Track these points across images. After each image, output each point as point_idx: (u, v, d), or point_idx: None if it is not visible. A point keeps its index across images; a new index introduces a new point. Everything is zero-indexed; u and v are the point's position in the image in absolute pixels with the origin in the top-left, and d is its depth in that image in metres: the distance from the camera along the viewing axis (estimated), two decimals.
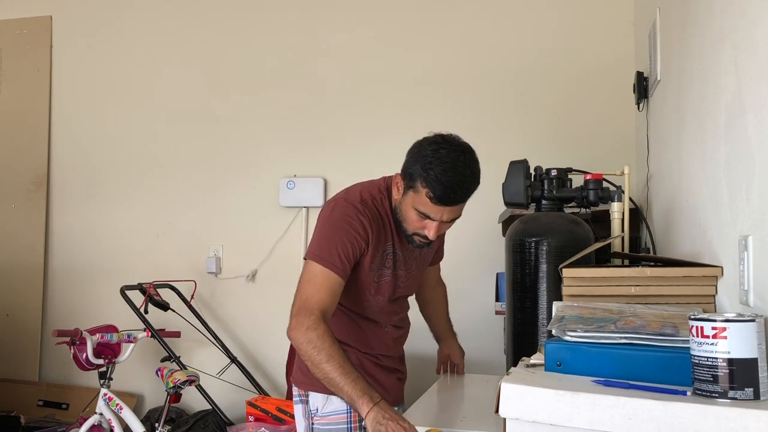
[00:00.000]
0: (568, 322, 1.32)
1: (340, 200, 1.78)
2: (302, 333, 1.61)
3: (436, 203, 1.65)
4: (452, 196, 1.64)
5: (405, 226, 1.75)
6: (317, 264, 1.69)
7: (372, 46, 3.47)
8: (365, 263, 1.76)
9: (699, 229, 1.72)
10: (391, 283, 1.84)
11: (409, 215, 1.72)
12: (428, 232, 1.71)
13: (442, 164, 1.63)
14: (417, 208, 1.68)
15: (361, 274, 1.77)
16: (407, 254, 1.85)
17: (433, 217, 1.69)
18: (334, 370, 1.57)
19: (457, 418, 1.59)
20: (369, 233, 1.73)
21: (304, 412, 1.86)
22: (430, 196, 1.64)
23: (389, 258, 1.81)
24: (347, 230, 1.71)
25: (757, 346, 1.03)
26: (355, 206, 1.74)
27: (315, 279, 1.68)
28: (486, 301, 3.17)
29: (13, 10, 4.01)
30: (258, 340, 3.52)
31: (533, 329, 2.14)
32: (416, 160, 1.66)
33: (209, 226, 3.63)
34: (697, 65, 1.75)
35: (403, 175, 1.72)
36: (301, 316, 1.63)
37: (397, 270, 1.84)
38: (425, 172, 1.63)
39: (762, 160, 1.21)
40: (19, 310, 3.82)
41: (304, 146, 3.53)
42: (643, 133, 2.67)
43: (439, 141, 1.70)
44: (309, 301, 1.65)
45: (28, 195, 3.89)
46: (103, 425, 2.93)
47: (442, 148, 1.66)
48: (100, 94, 3.85)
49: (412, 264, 1.88)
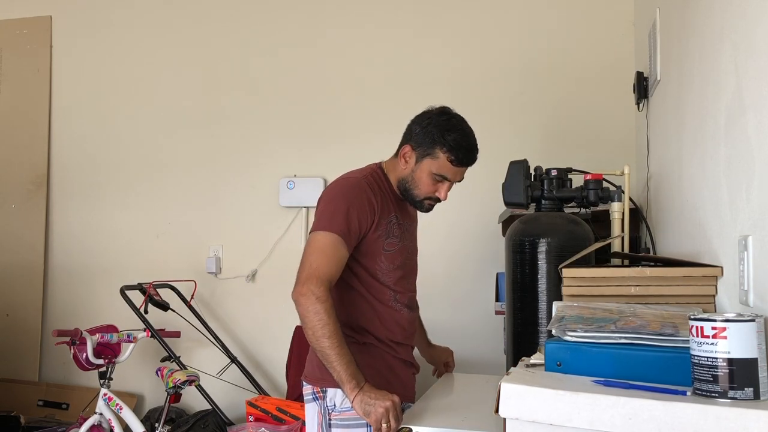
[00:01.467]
0: (568, 322, 1.32)
1: (342, 178, 1.88)
2: (312, 302, 1.66)
3: (456, 165, 1.84)
4: (471, 156, 1.86)
5: (416, 192, 1.88)
6: (327, 233, 1.74)
7: (372, 46, 3.47)
8: (374, 234, 1.82)
9: (699, 229, 1.72)
10: (400, 252, 1.90)
11: (423, 181, 1.86)
12: (441, 193, 1.88)
13: (457, 131, 1.83)
14: (436, 172, 1.84)
15: (374, 246, 1.83)
16: (405, 228, 1.95)
17: (450, 178, 1.86)
18: (332, 347, 1.65)
19: (457, 418, 1.59)
20: (375, 203, 1.82)
21: (320, 408, 1.83)
22: (452, 159, 1.82)
23: (394, 227, 1.88)
24: (354, 202, 1.78)
25: (757, 346, 1.03)
26: (358, 180, 1.84)
27: (325, 248, 1.73)
28: (486, 301, 3.17)
29: (13, 10, 4.01)
30: (258, 340, 3.52)
31: (533, 329, 2.14)
32: (430, 130, 1.83)
33: (209, 226, 3.63)
34: (697, 65, 1.75)
35: (414, 145, 1.85)
36: (311, 284, 1.68)
37: (403, 241, 1.91)
38: (443, 138, 1.81)
39: (762, 160, 1.21)
40: (19, 310, 3.82)
41: (304, 146, 3.53)
42: (643, 133, 2.68)
43: (445, 112, 1.88)
44: (319, 270, 1.69)
45: (28, 195, 3.89)
46: (103, 425, 2.93)
47: (452, 118, 1.86)
48: (100, 94, 3.85)
49: (409, 238, 1.97)
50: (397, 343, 1.91)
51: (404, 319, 1.93)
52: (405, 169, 1.88)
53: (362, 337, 1.86)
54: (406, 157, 1.87)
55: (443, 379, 2.15)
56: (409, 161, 1.87)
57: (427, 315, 3.16)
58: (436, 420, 1.57)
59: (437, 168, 1.84)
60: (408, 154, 1.87)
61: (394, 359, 1.91)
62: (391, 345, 1.90)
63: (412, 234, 2.02)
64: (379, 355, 1.86)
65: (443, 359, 2.22)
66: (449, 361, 2.22)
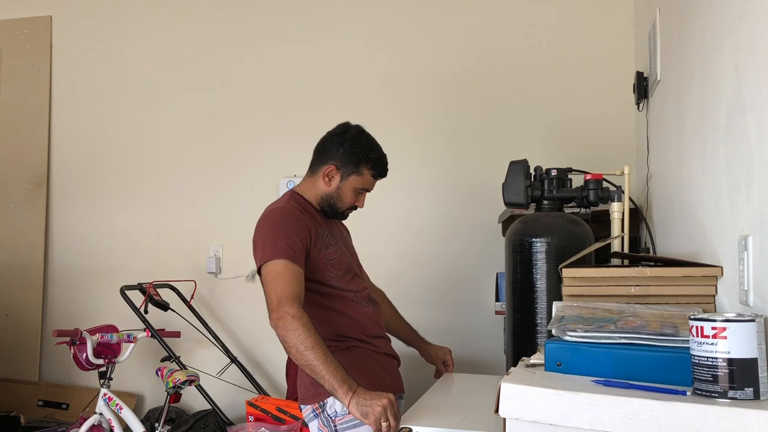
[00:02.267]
0: (568, 322, 1.32)
1: (269, 211, 1.98)
2: (288, 321, 1.74)
3: (377, 178, 2.05)
4: (387, 169, 2.06)
5: (339, 205, 2.03)
6: (277, 261, 1.82)
7: (372, 47, 3.47)
8: (315, 249, 1.92)
9: (699, 229, 1.72)
10: (342, 258, 2.01)
11: (348, 195, 2.01)
12: (360, 202, 2.06)
13: (375, 148, 2.03)
14: (360, 186, 2.01)
15: (318, 260, 1.93)
16: (336, 236, 2.06)
17: (370, 189, 2.06)
18: (317, 358, 1.70)
19: (457, 418, 1.59)
20: (306, 221, 1.93)
21: (322, 422, 1.88)
22: (374, 174, 2.02)
23: (328, 238, 2.00)
24: (289, 226, 1.89)
25: (757, 346, 1.03)
26: (285, 207, 1.96)
27: (281, 273, 1.81)
28: (486, 301, 3.18)
29: (13, 10, 4.01)
30: (258, 340, 3.52)
31: (533, 329, 2.14)
32: (355, 150, 1.99)
33: (209, 226, 3.63)
34: (697, 65, 1.75)
35: (339, 165, 1.99)
36: (284, 306, 1.76)
37: (339, 246, 2.03)
38: (368, 156, 1.99)
39: (762, 160, 1.21)
40: (19, 310, 3.82)
41: (304, 146, 3.50)
42: (643, 133, 2.68)
43: (361, 130, 2.05)
44: (284, 292, 1.78)
45: (28, 195, 3.89)
46: (103, 425, 2.93)
47: (368, 135, 2.05)
48: (100, 94, 3.85)
49: (342, 243, 2.08)
50: (374, 337, 1.99)
51: (371, 313, 2.02)
52: (328, 187, 2.01)
53: (343, 343, 1.92)
54: (329, 176, 2.01)
55: (443, 378, 2.15)
56: (333, 180, 2.01)
57: (427, 315, 3.19)
58: (436, 420, 1.57)
59: (362, 183, 2.02)
60: (332, 173, 2.00)
61: (377, 354, 1.99)
62: (369, 341, 1.97)
63: (345, 238, 2.14)
64: (363, 355, 1.93)
65: (441, 357, 2.23)
66: (448, 360, 2.23)
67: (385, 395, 1.64)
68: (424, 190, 3.35)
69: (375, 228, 3.23)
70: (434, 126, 3.36)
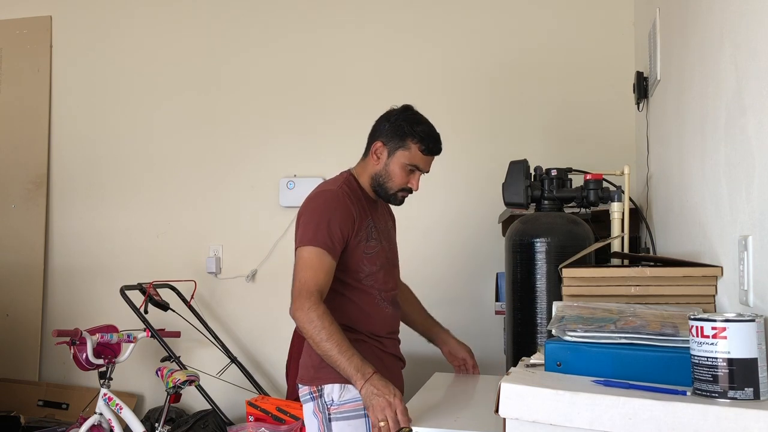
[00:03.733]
0: (568, 322, 1.32)
1: (320, 191, 1.95)
2: (304, 313, 1.75)
3: (426, 154, 1.96)
4: (438, 145, 1.98)
5: (390, 185, 1.97)
6: (312, 247, 1.82)
7: (372, 46, 3.47)
8: (354, 239, 1.90)
9: (699, 229, 1.72)
10: (379, 254, 1.98)
11: (396, 173, 1.95)
12: (413, 183, 1.98)
13: (424, 123, 1.97)
14: (409, 162, 1.94)
15: (355, 252, 1.91)
16: (381, 229, 2.03)
17: (421, 167, 1.97)
18: (333, 347, 1.72)
19: (456, 418, 1.59)
20: (353, 211, 1.90)
21: (318, 407, 1.88)
22: (422, 149, 1.94)
23: (372, 231, 1.97)
24: (334, 213, 1.86)
25: (757, 346, 1.03)
26: (335, 191, 1.92)
27: (312, 262, 1.81)
28: (486, 301, 3.18)
29: (13, 10, 4.01)
30: (258, 340, 3.52)
31: (533, 329, 2.14)
32: (399, 124, 1.94)
33: (209, 226, 3.63)
34: (697, 65, 1.75)
35: (385, 140, 1.95)
36: (302, 297, 1.77)
37: (381, 242, 2.00)
38: (413, 129, 1.93)
39: (762, 160, 1.21)
40: (19, 310, 3.82)
41: (304, 146, 3.53)
42: (643, 133, 2.67)
43: (408, 108, 2.01)
44: (308, 283, 1.79)
45: (28, 195, 3.89)
46: (103, 425, 2.93)
47: (416, 112, 2.00)
48: (100, 93, 3.85)
49: (386, 238, 2.05)
50: (384, 337, 2.00)
51: (389, 316, 2.01)
52: (377, 165, 1.97)
53: (352, 334, 1.91)
54: (378, 153, 1.96)
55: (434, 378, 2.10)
56: (381, 156, 1.96)
57: None
58: (435, 420, 1.57)
59: (409, 158, 1.94)
60: (380, 149, 1.96)
61: (383, 353, 1.99)
62: (379, 339, 1.98)
63: (389, 234, 2.10)
64: (368, 350, 1.92)
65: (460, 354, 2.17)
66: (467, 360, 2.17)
67: (397, 392, 1.65)
68: (424, 190, 3.33)
69: None
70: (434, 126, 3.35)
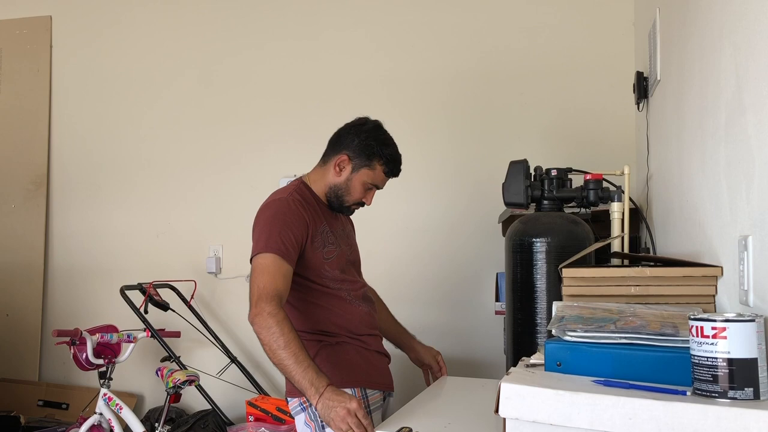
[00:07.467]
0: (568, 322, 1.32)
1: (270, 201, 1.94)
2: (263, 319, 1.71)
3: (389, 176, 2.01)
4: (400, 168, 2.02)
5: (347, 198, 1.99)
6: (267, 254, 1.80)
7: (372, 47, 3.47)
8: (311, 246, 1.90)
9: (699, 229, 1.72)
10: (339, 257, 1.97)
11: (357, 189, 1.98)
12: (368, 199, 2.02)
13: (391, 145, 1.99)
14: (370, 181, 1.98)
15: (314, 258, 1.90)
16: (338, 233, 2.03)
17: (379, 186, 2.02)
18: (289, 356, 1.68)
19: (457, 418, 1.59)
20: (306, 218, 1.89)
21: (309, 416, 1.86)
22: (386, 171, 1.98)
23: (328, 236, 1.97)
24: (287, 221, 1.85)
25: (757, 346, 1.03)
26: (286, 199, 1.91)
27: (267, 268, 1.79)
28: (486, 301, 3.18)
29: (13, 10, 4.02)
30: (258, 341, 3.51)
31: (533, 329, 2.14)
32: (369, 143, 1.95)
33: (209, 226, 3.63)
34: (697, 65, 1.75)
35: (351, 156, 1.96)
36: (261, 302, 1.73)
37: (340, 245, 2.00)
38: (381, 151, 1.95)
39: (762, 160, 1.21)
40: (19, 310, 3.82)
41: (304, 146, 3.52)
42: (643, 133, 2.68)
43: (379, 126, 2.01)
44: (266, 289, 1.75)
45: (28, 195, 3.89)
46: (102, 425, 2.93)
47: (385, 132, 2.01)
48: (100, 94, 3.85)
49: (344, 239, 2.05)
50: (364, 335, 1.98)
51: (365, 313, 2.00)
52: (338, 177, 1.98)
53: (333, 338, 1.92)
54: (341, 165, 1.97)
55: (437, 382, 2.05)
56: (344, 170, 1.97)
57: (427, 315, 3.19)
58: (435, 421, 1.56)
59: (372, 178, 1.98)
60: (344, 162, 1.97)
61: (366, 351, 1.97)
62: (360, 338, 1.96)
63: (347, 236, 2.09)
64: (352, 351, 1.92)
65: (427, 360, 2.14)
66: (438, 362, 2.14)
67: (352, 398, 1.61)
68: (424, 190, 3.35)
69: (375, 228, 3.22)
70: (434, 126, 3.36)
